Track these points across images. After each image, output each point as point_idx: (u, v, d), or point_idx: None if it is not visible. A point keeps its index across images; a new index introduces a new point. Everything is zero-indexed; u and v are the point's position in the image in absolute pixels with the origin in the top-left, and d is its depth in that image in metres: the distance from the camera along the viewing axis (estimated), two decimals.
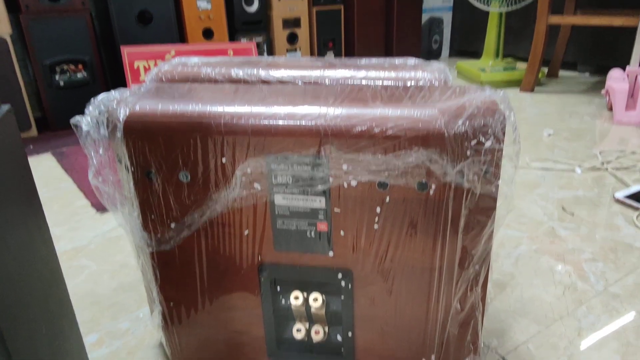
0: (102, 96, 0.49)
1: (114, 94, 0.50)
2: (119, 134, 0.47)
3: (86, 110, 0.49)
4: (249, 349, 0.57)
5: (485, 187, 0.45)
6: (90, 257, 0.89)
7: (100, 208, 1.08)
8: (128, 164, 0.48)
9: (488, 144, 0.43)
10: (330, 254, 0.49)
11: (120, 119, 0.46)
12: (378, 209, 0.46)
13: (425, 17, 2.83)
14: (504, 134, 0.43)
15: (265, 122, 0.44)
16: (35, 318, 0.39)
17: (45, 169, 1.35)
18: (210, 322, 0.56)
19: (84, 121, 0.48)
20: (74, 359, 0.47)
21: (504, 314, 0.70)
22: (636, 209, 0.99)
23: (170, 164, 0.47)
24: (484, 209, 0.46)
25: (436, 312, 0.50)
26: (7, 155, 0.37)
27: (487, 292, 0.52)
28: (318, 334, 0.54)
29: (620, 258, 0.82)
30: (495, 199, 0.46)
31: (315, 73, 0.56)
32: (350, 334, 0.54)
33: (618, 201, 1.02)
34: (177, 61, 0.62)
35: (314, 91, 0.49)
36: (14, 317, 0.34)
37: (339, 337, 0.55)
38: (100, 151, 0.48)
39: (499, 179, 0.45)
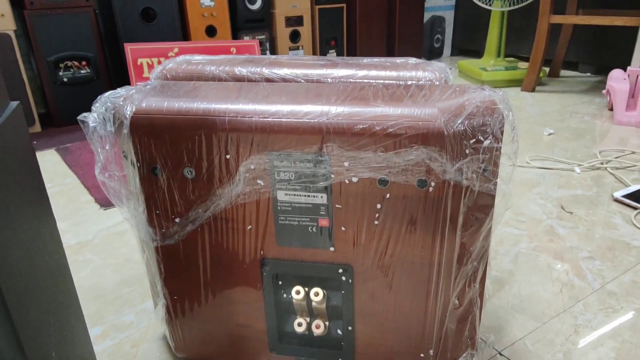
0: (108, 93, 0.50)
1: (120, 91, 0.51)
2: (125, 131, 0.48)
3: (93, 107, 0.50)
4: (251, 342, 0.58)
5: (483, 185, 0.46)
6: (95, 251, 0.90)
7: (104, 203, 1.09)
8: (134, 159, 0.49)
9: (487, 142, 0.44)
10: (331, 249, 0.50)
11: (127, 116, 0.47)
12: (379, 206, 0.47)
13: (427, 16, 2.83)
14: (502, 133, 0.44)
15: (269, 119, 0.45)
16: (43, 308, 0.40)
17: (49, 164, 1.36)
18: (213, 316, 0.57)
19: (91, 117, 0.49)
20: (80, 349, 0.48)
21: (502, 310, 0.71)
22: (634, 208, 1.00)
23: (176, 160, 0.48)
24: (483, 206, 0.47)
25: (435, 308, 0.51)
26: (16, 150, 0.38)
27: (486, 289, 0.53)
28: (319, 328, 0.55)
29: (618, 257, 0.83)
30: (493, 197, 0.47)
31: (317, 71, 0.57)
32: (350, 328, 0.55)
33: (617, 200, 1.03)
34: (181, 59, 0.63)
35: (316, 89, 0.50)
36: (24, 307, 0.35)
37: (339, 332, 0.56)
38: (107, 147, 0.49)
39: (497, 177, 0.46)
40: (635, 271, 0.79)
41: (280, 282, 0.54)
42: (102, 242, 0.93)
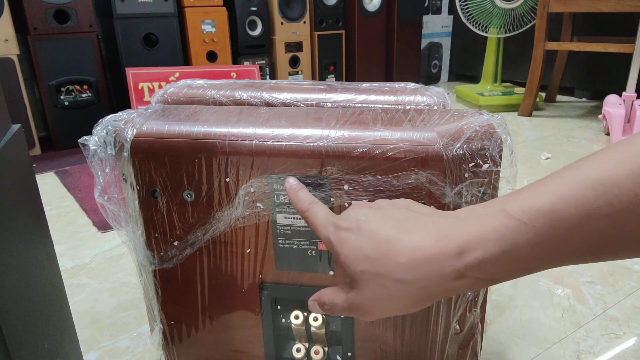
0: (110, 117, 0.51)
1: (122, 114, 0.52)
2: (125, 154, 0.48)
3: (94, 130, 0.50)
4: None
5: None
6: (91, 275, 0.89)
7: (102, 227, 1.09)
8: (134, 182, 0.49)
9: (485, 166, 0.44)
10: (331, 273, 0.50)
11: (128, 139, 0.47)
12: None
13: (425, 42, 2.89)
14: (501, 156, 0.44)
15: (269, 143, 0.45)
16: (38, 333, 0.39)
17: (48, 187, 1.36)
18: (210, 341, 0.56)
19: (92, 141, 0.50)
20: None
21: (503, 335, 0.70)
22: None
23: (175, 183, 0.48)
24: None
25: (435, 333, 0.50)
26: (17, 173, 0.38)
27: (486, 314, 0.53)
28: (318, 354, 0.54)
29: (619, 281, 0.82)
30: None
31: (317, 96, 0.58)
32: (350, 354, 0.54)
33: None
34: (182, 83, 0.64)
35: (316, 113, 0.50)
36: (18, 332, 0.35)
37: (338, 358, 0.55)
38: (107, 170, 0.50)
39: None
40: (636, 296, 0.78)
41: (279, 307, 0.54)
42: (99, 266, 0.92)
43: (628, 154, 0.28)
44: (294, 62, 2.28)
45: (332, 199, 0.46)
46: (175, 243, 0.51)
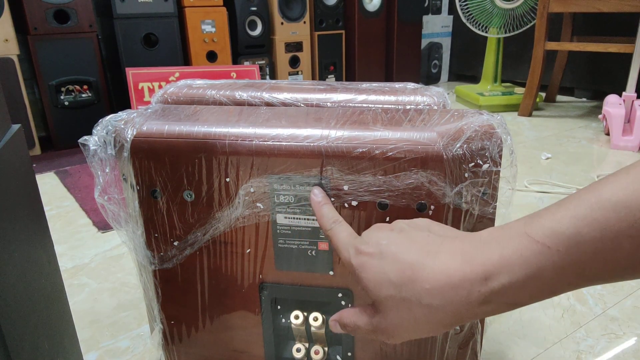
0: (110, 117, 0.51)
1: (122, 114, 0.52)
2: (125, 154, 0.48)
3: (94, 130, 0.50)
4: None
5: (483, 209, 0.46)
6: (91, 275, 0.89)
7: (102, 227, 1.09)
8: (134, 182, 0.49)
9: (485, 166, 0.44)
10: (331, 273, 0.50)
11: (128, 139, 0.47)
12: None
13: (425, 42, 2.89)
14: (500, 156, 0.44)
15: (269, 143, 0.45)
16: (38, 334, 0.39)
17: (48, 187, 1.36)
18: (210, 341, 0.56)
19: (92, 140, 0.50)
20: None
21: (503, 335, 0.70)
22: None
23: (175, 183, 0.48)
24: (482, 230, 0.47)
25: None
26: (17, 173, 0.38)
27: None
28: (318, 354, 0.54)
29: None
30: (493, 221, 0.47)
31: (317, 96, 0.58)
32: (350, 354, 0.54)
33: None
34: (182, 83, 0.64)
35: (315, 113, 0.50)
36: (18, 332, 0.35)
37: (338, 358, 0.55)
38: (107, 170, 0.50)
39: (496, 200, 0.46)
40: (636, 296, 0.78)
41: (279, 307, 0.54)
42: (99, 266, 0.92)
43: None
44: (294, 62, 2.28)
45: (332, 199, 0.46)
46: (175, 243, 0.51)
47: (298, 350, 0.54)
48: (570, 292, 0.79)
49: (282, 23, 2.18)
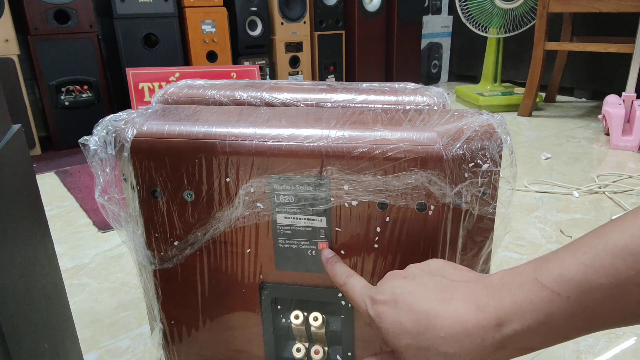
0: (110, 117, 0.51)
1: (122, 114, 0.52)
2: (126, 154, 0.48)
3: (94, 130, 0.50)
4: None
5: (483, 209, 0.46)
6: (91, 275, 0.89)
7: (102, 227, 1.09)
8: (134, 182, 0.49)
9: (485, 166, 0.44)
10: None
11: (128, 139, 0.47)
12: (378, 229, 0.47)
13: (424, 42, 2.89)
14: (500, 156, 0.45)
15: (269, 143, 0.45)
16: (38, 334, 0.39)
17: (48, 187, 1.36)
18: (210, 341, 0.56)
19: (92, 140, 0.50)
20: None
21: None
22: None
23: (176, 183, 0.48)
24: (482, 229, 0.47)
25: None
26: (17, 173, 0.39)
27: None
28: (318, 353, 0.54)
29: None
30: (492, 220, 0.47)
31: (317, 96, 0.58)
32: (350, 354, 0.54)
33: None
34: (183, 83, 0.64)
35: (316, 113, 0.50)
36: (19, 332, 0.35)
37: (338, 357, 0.55)
38: (107, 170, 0.50)
39: (496, 200, 0.46)
40: None
41: (279, 307, 0.54)
42: (99, 266, 0.92)
43: None
44: (294, 62, 2.28)
45: (332, 199, 0.46)
46: (176, 243, 0.51)
47: (298, 350, 0.54)
48: None
49: (282, 23, 2.18)
